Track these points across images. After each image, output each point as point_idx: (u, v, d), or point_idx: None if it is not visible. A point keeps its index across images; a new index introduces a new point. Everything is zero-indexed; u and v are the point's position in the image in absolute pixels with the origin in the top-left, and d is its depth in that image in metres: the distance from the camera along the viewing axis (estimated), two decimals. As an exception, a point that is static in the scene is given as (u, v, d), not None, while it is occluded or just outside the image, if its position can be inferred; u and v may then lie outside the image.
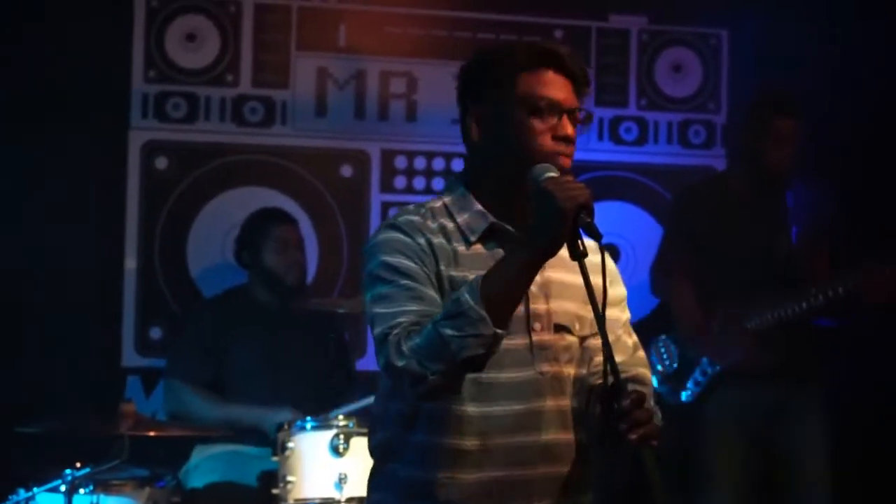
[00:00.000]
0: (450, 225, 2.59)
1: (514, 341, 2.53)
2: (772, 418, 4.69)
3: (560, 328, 2.60)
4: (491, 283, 2.40)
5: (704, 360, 4.70)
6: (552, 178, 2.45)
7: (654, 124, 5.78)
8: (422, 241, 2.53)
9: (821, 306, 4.57)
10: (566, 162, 2.54)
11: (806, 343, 4.70)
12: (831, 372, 4.78)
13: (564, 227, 2.39)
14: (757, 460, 4.71)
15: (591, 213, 2.40)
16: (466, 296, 2.38)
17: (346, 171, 5.51)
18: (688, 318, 4.73)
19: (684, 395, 4.72)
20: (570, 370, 2.62)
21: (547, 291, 2.58)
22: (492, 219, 2.59)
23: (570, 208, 2.38)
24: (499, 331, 2.39)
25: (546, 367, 2.57)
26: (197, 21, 5.37)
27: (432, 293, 2.51)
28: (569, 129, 2.55)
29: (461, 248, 2.57)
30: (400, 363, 2.40)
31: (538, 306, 2.57)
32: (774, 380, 4.66)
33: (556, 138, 2.54)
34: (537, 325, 2.57)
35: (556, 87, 2.57)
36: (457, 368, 2.39)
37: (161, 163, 5.33)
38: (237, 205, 5.25)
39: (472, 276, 2.46)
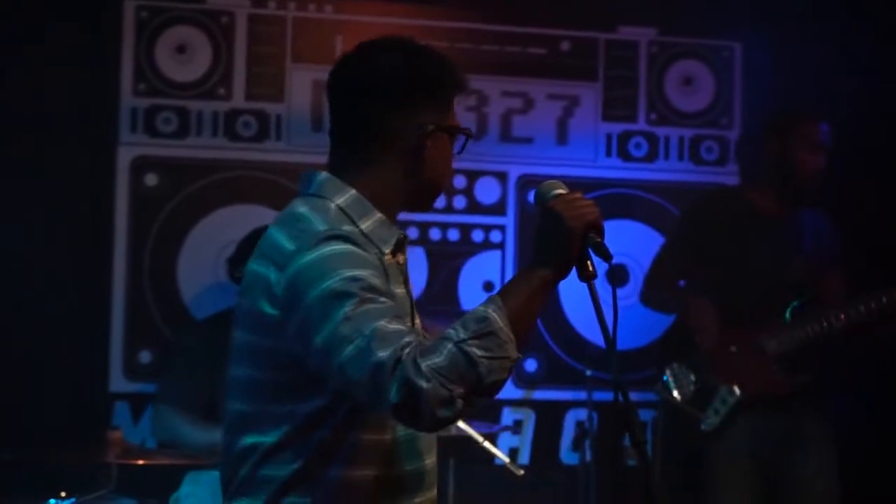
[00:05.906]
0: (354, 230, 2.39)
1: None
2: (784, 444, 4.60)
3: None
4: (510, 306, 2.25)
5: (724, 388, 4.56)
6: (560, 195, 2.36)
7: (665, 140, 5.68)
8: (371, 256, 2.35)
9: (842, 328, 4.48)
10: None
11: (820, 366, 4.61)
12: (833, 396, 4.74)
13: (573, 248, 2.30)
14: (766, 485, 4.62)
15: (601, 233, 2.33)
16: (494, 315, 2.22)
17: (343, 187, 5.38)
18: (706, 341, 4.57)
19: (704, 425, 4.56)
20: None
21: None
22: (399, 232, 2.47)
23: (579, 227, 2.30)
24: (521, 356, 2.26)
25: None
26: (188, 32, 5.27)
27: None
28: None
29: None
30: (425, 384, 2.15)
31: None
32: (788, 405, 4.57)
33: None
34: None
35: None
36: (479, 391, 2.20)
37: (151, 179, 5.23)
38: (230, 223, 5.14)
39: (397, 290, 2.37)
